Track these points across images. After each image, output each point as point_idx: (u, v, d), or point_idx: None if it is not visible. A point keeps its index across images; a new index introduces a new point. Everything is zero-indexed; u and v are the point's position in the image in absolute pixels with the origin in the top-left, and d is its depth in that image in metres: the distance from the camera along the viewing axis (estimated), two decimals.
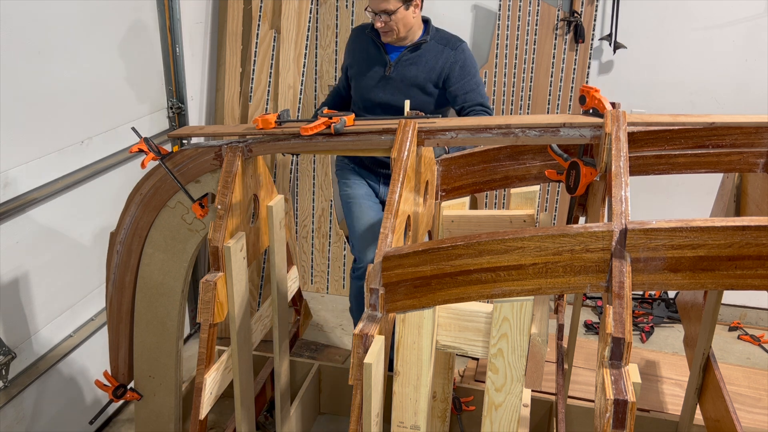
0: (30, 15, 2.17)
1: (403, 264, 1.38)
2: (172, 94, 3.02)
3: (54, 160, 2.33)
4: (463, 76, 2.59)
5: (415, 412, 1.48)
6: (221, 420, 2.78)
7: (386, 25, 2.50)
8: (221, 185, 1.83)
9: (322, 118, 1.77)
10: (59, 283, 2.44)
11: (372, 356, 1.32)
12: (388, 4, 2.45)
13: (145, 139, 1.89)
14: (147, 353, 2.17)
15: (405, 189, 1.57)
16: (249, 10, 3.36)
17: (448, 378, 2.07)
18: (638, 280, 1.35)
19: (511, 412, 1.58)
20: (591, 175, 1.66)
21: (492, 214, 2.14)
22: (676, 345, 3.39)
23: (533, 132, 1.71)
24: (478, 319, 1.54)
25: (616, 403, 1.16)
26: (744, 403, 2.87)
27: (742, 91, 3.24)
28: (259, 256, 2.66)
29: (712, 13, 3.17)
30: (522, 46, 3.34)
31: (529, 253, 1.35)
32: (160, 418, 2.24)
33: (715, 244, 1.30)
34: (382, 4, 2.46)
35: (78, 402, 2.60)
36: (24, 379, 2.27)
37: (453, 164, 2.02)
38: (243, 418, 2.06)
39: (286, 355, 2.42)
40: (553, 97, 3.38)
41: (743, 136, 1.73)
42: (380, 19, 2.48)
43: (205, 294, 1.79)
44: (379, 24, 2.49)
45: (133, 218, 2.03)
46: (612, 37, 3.25)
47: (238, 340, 1.95)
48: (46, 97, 2.27)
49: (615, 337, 1.22)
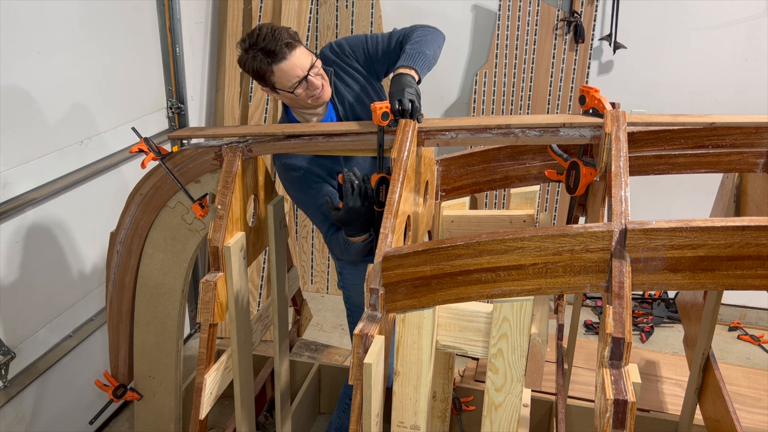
0: (30, 15, 2.17)
1: (403, 264, 1.38)
2: (172, 94, 3.02)
3: (54, 160, 2.33)
4: (367, 48, 2.04)
5: (415, 412, 1.48)
6: (221, 420, 2.78)
7: (316, 79, 1.87)
8: (221, 185, 1.83)
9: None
10: (59, 283, 2.44)
11: (372, 356, 1.32)
12: (305, 60, 1.85)
13: (145, 139, 1.89)
14: (147, 353, 2.17)
15: (405, 189, 1.57)
16: (249, 10, 3.36)
17: (448, 378, 2.07)
18: (638, 280, 1.35)
19: (511, 412, 1.58)
20: (591, 175, 1.66)
21: (492, 214, 2.14)
22: (676, 345, 3.39)
23: (533, 132, 1.71)
24: (478, 319, 1.54)
25: (616, 403, 1.16)
26: (744, 403, 2.87)
27: (742, 91, 3.24)
28: (259, 256, 2.66)
29: (712, 13, 3.17)
30: (522, 46, 3.34)
31: (529, 253, 1.35)
32: (160, 418, 2.24)
33: (715, 244, 1.30)
34: (302, 63, 1.83)
35: (78, 402, 2.60)
36: (24, 379, 2.27)
37: (453, 164, 2.02)
38: (243, 418, 2.06)
39: (286, 355, 2.42)
40: (553, 97, 3.38)
41: (743, 136, 1.73)
42: (312, 80, 1.86)
43: (205, 294, 1.79)
44: (316, 83, 1.86)
45: (133, 218, 2.03)
46: (612, 37, 3.25)
47: (238, 340, 1.95)
48: (46, 97, 2.27)
49: (615, 337, 1.22)
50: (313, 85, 1.87)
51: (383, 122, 1.71)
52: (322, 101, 1.92)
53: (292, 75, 1.83)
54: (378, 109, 1.70)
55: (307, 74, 1.84)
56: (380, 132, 1.75)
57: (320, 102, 1.92)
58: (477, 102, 3.43)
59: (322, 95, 1.90)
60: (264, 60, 1.81)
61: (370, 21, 3.43)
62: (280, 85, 1.85)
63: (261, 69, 1.82)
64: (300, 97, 1.87)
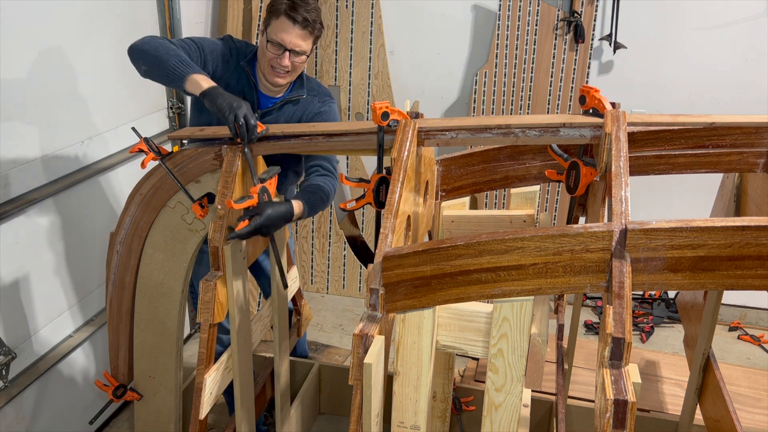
0: (30, 15, 2.17)
1: (403, 264, 1.38)
2: (172, 94, 3.02)
3: (54, 160, 2.33)
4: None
5: (415, 412, 1.48)
6: (221, 420, 2.78)
7: (291, 65, 2.05)
8: (221, 185, 1.83)
9: None
10: (59, 283, 2.44)
11: (372, 356, 1.32)
12: (304, 43, 2.03)
13: (145, 139, 1.89)
14: (147, 353, 2.17)
15: (405, 189, 1.56)
16: (249, 10, 3.36)
17: (448, 378, 2.07)
18: (638, 280, 1.35)
19: (511, 412, 1.58)
20: (591, 175, 1.66)
21: (492, 214, 2.14)
22: (676, 345, 3.39)
23: (533, 132, 1.71)
24: (478, 319, 1.54)
25: (616, 403, 1.16)
26: (744, 403, 2.87)
27: (742, 91, 3.24)
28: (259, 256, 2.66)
29: (713, 13, 3.17)
30: (522, 46, 3.34)
31: (529, 253, 1.35)
32: (160, 418, 2.24)
33: (715, 244, 1.30)
34: (297, 40, 2.02)
35: (78, 402, 2.60)
36: (24, 379, 2.27)
37: (453, 164, 2.02)
38: (243, 418, 2.06)
39: (286, 355, 2.42)
40: (553, 97, 3.39)
41: (743, 136, 1.73)
42: (287, 57, 2.03)
43: (205, 294, 1.79)
44: (285, 62, 2.02)
45: (133, 218, 2.03)
46: (612, 37, 3.25)
47: (238, 340, 1.95)
48: (46, 97, 2.27)
49: (615, 337, 1.22)
50: (282, 62, 2.03)
51: (383, 122, 1.71)
52: (275, 80, 2.08)
53: (282, 36, 2.00)
54: (378, 109, 1.70)
55: (289, 50, 2.01)
56: (380, 132, 1.75)
57: (273, 79, 2.08)
58: (477, 102, 3.43)
59: (278, 77, 2.07)
60: (285, 5, 1.99)
61: (370, 21, 3.43)
62: (269, 31, 2.03)
63: (277, 5, 2.01)
64: (267, 57, 2.05)
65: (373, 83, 3.52)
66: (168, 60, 1.87)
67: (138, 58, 1.93)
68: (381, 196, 1.78)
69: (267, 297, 2.44)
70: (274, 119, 2.17)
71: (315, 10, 2.04)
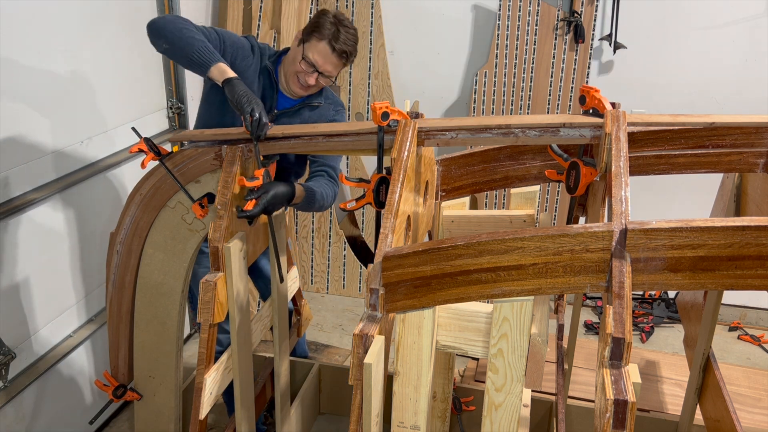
0: (30, 15, 2.17)
1: (403, 264, 1.38)
2: (172, 94, 3.02)
3: (54, 160, 2.33)
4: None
5: (415, 412, 1.48)
6: (221, 420, 2.78)
7: (316, 84, 2.14)
8: (221, 185, 1.83)
9: None
10: (59, 283, 2.44)
11: (372, 356, 1.32)
12: (335, 70, 2.13)
13: (145, 139, 1.89)
14: (147, 353, 2.17)
15: (405, 189, 1.56)
16: (249, 10, 3.36)
17: (448, 378, 2.07)
18: (638, 280, 1.35)
19: (511, 412, 1.58)
20: (591, 175, 1.66)
21: (492, 214, 2.14)
22: (676, 345, 3.39)
23: (533, 132, 1.71)
24: (478, 319, 1.54)
25: (616, 403, 1.16)
26: (744, 403, 2.87)
27: (742, 91, 3.24)
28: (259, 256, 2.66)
29: (712, 13, 3.17)
30: (522, 46, 3.34)
31: (529, 253, 1.35)
32: (160, 418, 2.24)
33: (715, 244, 1.30)
34: (330, 67, 2.10)
35: (78, 402, 2.60)
36: (24, 379, 2.27)
37: (453, 164, 2.02)
38: (243, 418, 2.06)
39: (286, 355, 2.42)
40: (553, 97, 3.39)
41: (743, 136, 1.73)
42: (315, 77, 2.12)
43: (205, 294, 1.79)
44: (312, 81, 2.11)
45: (133, 218, 2.03)
46: (612, 37, 3.25)
47: (238, 340, 1.95)
48: (46, 97, 2.27)
49: (615, 337, 1.22)
50: (309, 80, 2.12)
51: (383, 122, 1.71)
52: (296, 90, 2.18)
53: (317, 58, 2.08)
54: (378, 109, 1.70)
55: (318, 71, 2.10)
56: (380, 132, 1.75)
57: (294, 89, 2.17)
58: (477, 102, 3.43)
59: (300, 88, 2.16)
60: (330, 32, 2.07)
61: (370, 21, 3.44)
62: (306, 47, 2.10)
63: (322, 28, 2.07)
64: (295, 68, 2.12)
65: (373, 83, 3.52)
66: (194, 44, 1.92)
67: (159, 36, 1.96)
68: (381, 196, 1.78)
69: (265, 300, 2.46)
70: (289, 121, 2.22)
71: (354, 42, 2.12)
